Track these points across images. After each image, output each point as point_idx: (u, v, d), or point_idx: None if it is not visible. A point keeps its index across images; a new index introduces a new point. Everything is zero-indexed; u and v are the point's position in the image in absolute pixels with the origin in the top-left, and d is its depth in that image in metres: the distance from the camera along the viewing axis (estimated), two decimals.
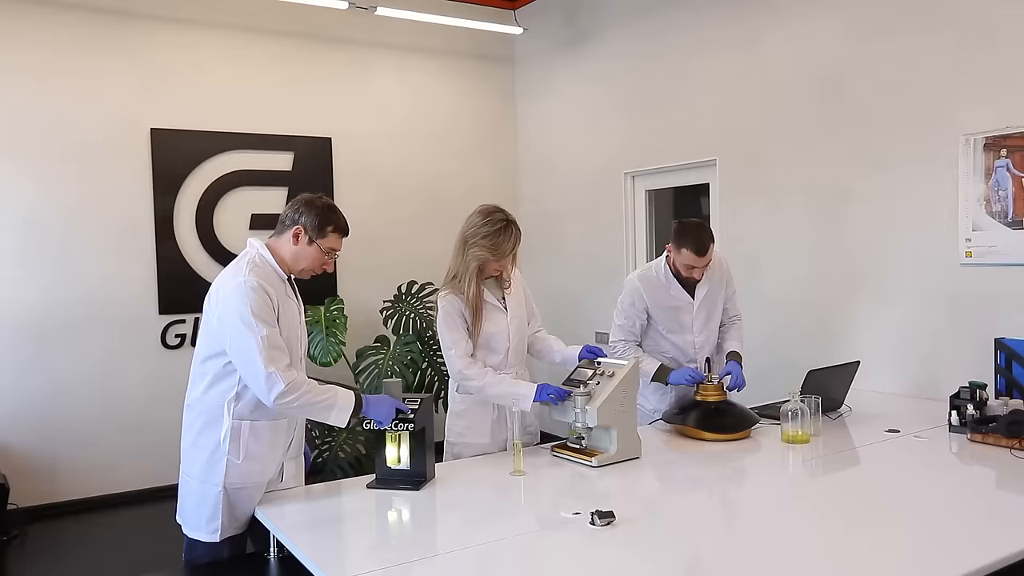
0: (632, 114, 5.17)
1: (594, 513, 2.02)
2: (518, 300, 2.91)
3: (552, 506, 2.27)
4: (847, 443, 2.87)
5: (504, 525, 2.11)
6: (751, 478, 2.58)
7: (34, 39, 4.60)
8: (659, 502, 2.32)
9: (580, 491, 2.41)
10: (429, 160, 5.95)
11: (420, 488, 2.39)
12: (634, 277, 3.32)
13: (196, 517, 2.27)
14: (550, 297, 6.06)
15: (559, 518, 2.10)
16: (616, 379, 2.62)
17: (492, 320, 2.81)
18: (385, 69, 5.78)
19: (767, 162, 4.31)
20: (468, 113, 6.14)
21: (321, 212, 2.36)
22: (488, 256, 2.72)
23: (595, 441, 2.68)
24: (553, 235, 6.02)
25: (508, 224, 2.75)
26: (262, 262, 2.32)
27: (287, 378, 2.14)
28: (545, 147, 6.05)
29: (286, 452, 2.39)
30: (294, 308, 2.39)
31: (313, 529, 2.11)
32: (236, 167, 5.18)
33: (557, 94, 5.88)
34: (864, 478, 2.54)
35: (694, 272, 3.14)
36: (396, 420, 2.36)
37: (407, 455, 2.44)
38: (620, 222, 5.33)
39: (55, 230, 4.68)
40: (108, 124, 4.80)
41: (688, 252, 3.07)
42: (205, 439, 2.26)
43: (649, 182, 5.18)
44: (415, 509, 2.27)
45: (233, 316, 2.18)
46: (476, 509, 2.28)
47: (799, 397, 2.85)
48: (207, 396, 2.27)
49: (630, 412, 2.65)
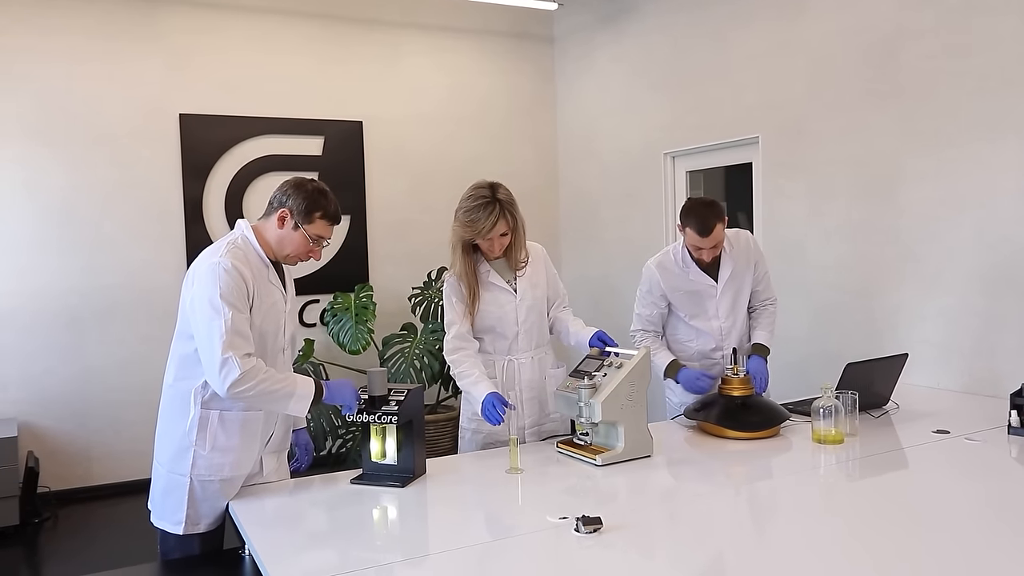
0: (672, 91, 4.89)
1: (579, 519, 1.82)
2: (534, 281, 2.72)
3: (543, 509, 2.07)
4: (888, 444, 2.59)
5: (482, 529, 1.94)
6: (773, 482, 2.33)
7: (65, 26, 4.61)
8: (663, 507, 2.10)
9: (579, 492, 2.21)
10: (464, 143, 5.79)
11: (406, 485, 2.23)
12: (651, 262, 3.12)
13: (162, 506, 2.18)
14: (588, 284, 5.85)
15: (544, 523, 1.91)
16: (624, 371, 2.41)
17: (496, 303, 2.64)
18: (418, 50, 5.63)
19: (812, 138, 3.98)
20: (504, 94, 5.95)
21: (310, 196, 2.22)
22: (465, 233, 2.56)
23: (602, 438, 2.48)
24: (592, 220, 5.79)
25: (490, 202, 2.55)
26: (244, 244, 2.20)
27: (244, 365, 2.01)
28: (584, 128, 5.81)
29: (264, 446, 2.26)
30: (276, 296, 2.25)
31: (280, 526, 1.98)
32: (266, 152, 5.12)
33: (596, 72, 5.63)
34: (903, 485, 2.26)
35: (702, 253, 2.95)
36: (380, 412, 2.21)
37: (393, 449, 2.29)
38: (659, 205, 5.07)
39: (88, 217, 4.70)
40: (137, 110, 4.80)
41: (691, 232, 2.88)
42: (174, 427, 2.15)
43: (690, 162, 4.90)
44: (394, 508, 2.12)
45: (202, 297, 2.06)
46: (459, 511, 2.12)
47: (832, 392, 2.58)
48: (178, 382, 2.17)
49: (640, 406, 2.43)
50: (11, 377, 4.55)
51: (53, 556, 4.05)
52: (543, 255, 2.81)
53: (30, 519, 4.27)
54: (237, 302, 2.07)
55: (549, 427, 2.75)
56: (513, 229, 2.63)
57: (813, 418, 2.58)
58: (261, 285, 2.17)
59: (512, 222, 2.60)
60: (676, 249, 3.08)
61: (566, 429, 2.79)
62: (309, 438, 2.54)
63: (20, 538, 4.17)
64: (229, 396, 2.02)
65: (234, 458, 2.15)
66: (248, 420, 2.17)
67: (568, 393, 2.49)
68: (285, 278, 2.33)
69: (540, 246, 2.82)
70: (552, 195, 6.15)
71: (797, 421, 2.81)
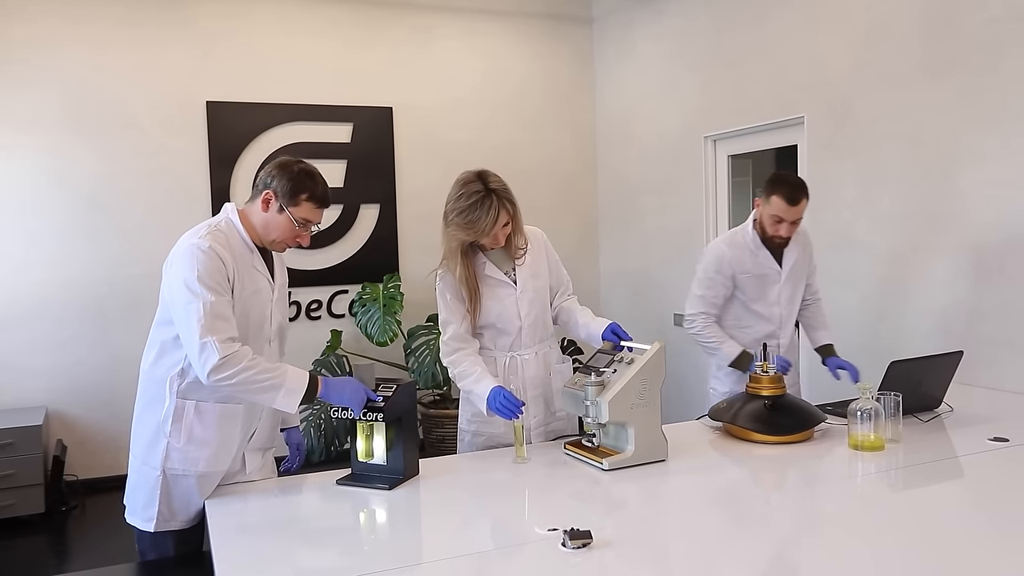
0: (712, 71, 4.62)
1: (567, 532, 1.63)
2: (535, 270, 2.52)
3: (536, 518, 1.89)
4: (935, 452, 2.31)
5: (463, 540, 1.76)
6: (796, 493, 2.09)
7: (94, 15, 4.60)
8: (671, 519, 1.88)
9: (584, 499, 2.02)
10: (498, 130, 5.61)
11: (394, 488, 2.07)
12: (720, 242, 3.04)
13: (133, 500, 2.06)
14: (626, 276, 5.63)
15: (532, 535, 1.72)
16: (635, 367, 2.19)
17: (496, 297, 2.45)
18: (450, 34, 5.47)
19: (861, 117, 3.67)
20: (541, 78, 5.74)
21: (295, 177, 2.07)
22: (466, 236, 2.34)
23: (612, 439, 2.28)
24: (631, 208, 5.55)
25: (486, 196, 2.32)
26: (228, 227, 2.08)
27: (224, 350, 1.87)
28: (623, 112, 5.57)
29: (246, 441, 2.13)
30: (262, 283, 2.12)
31: (251, 530, 1.84)
32: (293, 139, 5.04)
33: (636, 54, 5.38)
34: (953, 499, 1.99)
35: (780, 228, 2.86)
36: (365, 410, 2.05)
37: (382, 449, 2.13)
38: (699, 192, 4.80)
39: (116, 207, 4.69)
40: (165, 98, 4.76)
41: (778, 200, 2.82)
42: (148, 416, 2.04)
43: (731, 146, 4.61)
44: (374, 514, 1.96)
45: (178, 280, 1.94)
46: (444, 518, 1.95)
47: (871, 393, 2.32)
48: (154, 369, 2.05)
49: (653, 406, 2.22)
50: (42, 366, 4.57)
51: (79, 544, 4.05)
52: (543, 240, 2.59)
53: (56, 507, 4.29)
54: (216, 285, 1.94)
55: (556, 426, 2.56)
56: (513, 216, 2.42)
57: (850, 422, 2.33)
58: (244, 270, 2.05)
59: (511, 209, 2.40)
60: (746, 230, 3.01)
61: (574, 428, 2.59)
62: (301, 438, 2.40)
63: (46, 526, 4.19)
64: (211, 384, 1.89)
65: (211, 452, 2.03)
66: (227, 412, 2.04)
67: (575, 390, 2.29)
68: (274, 265, 2.20)
69: (539, 230, 2.60)
70: (590, 182, 5.93)
71: (835, 424, 2.55)
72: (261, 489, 2.12)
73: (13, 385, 4.51)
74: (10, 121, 4.48)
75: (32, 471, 4.12)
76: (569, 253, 5.88)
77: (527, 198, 6.02)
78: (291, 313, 5.08)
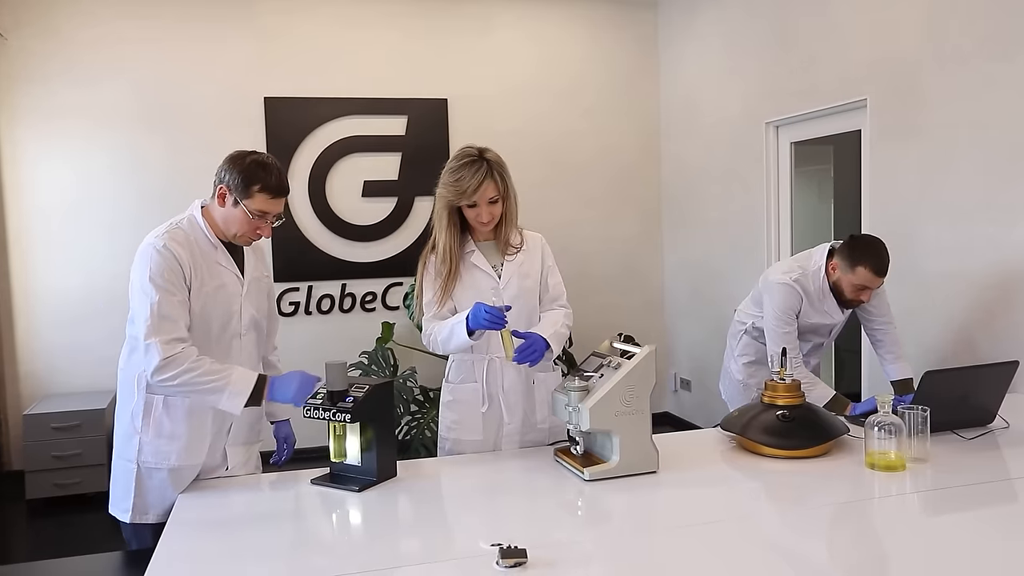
0: (773, 52, 4.32)
1: (500, 549, 1.53)
2: (525, 270, 2.41)
3: (492, 531, 1.79)
4: (971, 475, 2.05)
5: (398, 550, 1.68)
6: (793, 516, 1.87)
7: (159, 12, 4.78)
8: (643, 537, 1.73)
9: (561, 510, 1.91)
10: (556, 119, 5.48)
11: (363, 490, 2.02)
12: (791, 282, 2.87)
13: (114, 492, 2.13)
14: (688, 269, 5.41)
15: (475, 549, 1.63)
16: (620, 373, 2.05)
17: (475, 287, 2.36)
18: (507, 22, 5.37)
19: (928, 98, 3.34)
20: (602, 65, 5.56)
21: (247, 169, 2.05)
22: (448, 195, 2.29)
23: (600, 448, 2.15)
24: (692, 198, 5.31)
25: (476, 160, 2.27)
26: (190, 225, 2.10)
27: (166, 351, 1.89)
28: (687, 98, 5.32)
29: (224, 435, 2.14)
30: (227, 279, 2.12)
31: (207, 528, 1.83)
32: (348, 133, 5.08)
33: (699, 37, 5.12)
34: (976, 533, 1.72)
35: (863, 295, 2.75)
36: (334, 410, 2.01)
37: (356, 450, 2.09)
38: (760, 182, 4.52)
39: (183, 200, 4.84)
40: (225, 94, 4.90)
41: (866, 272, 2.68)
42: (123, 410, 2.09)
43: (794, 132, 4.31)
44: (330, 516, 1.92)
45: (134, 280, 1.99)
46: (393, 526, 1.88)
47: (891, 405, 2.08)
48: (126, 365, 2.10)
49: (641, 415, 2.07)
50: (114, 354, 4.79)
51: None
52: (542, 245, 2.48)
53: None
54: (168, 284, 1.95)
55: (532, 437, 2.43)
56: (504, 198, 2.33)
57: (866, 437, 2.10)
58: (205, 267, 2.05)
59: (503, 188, 2.31)
60: (817, 276, 2.86)
61: (552, 439, 2.45)
62: (291, 431, 2.39)
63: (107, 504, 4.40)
64: (155, 384, 1.92)
65: (181, 446, 2.05)
66: (195, 407, 2.05)
67: (560, 394, 2.17)
68: (245, 260, 2.19)
69: (541, 236, 2.49)
70: (652, 172, 5.71)
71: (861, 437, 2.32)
72: (235, 485, 2.12)
73: (89, 370, 4.77)
74: (88, 118, 4.72)
75: (96, 451, 4.35)
76: (629, 244, 5.74)
77: (584, 188, 5.88)
78: (346, 304, 5.15)
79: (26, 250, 4.71)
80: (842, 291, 2.81)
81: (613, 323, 5.55)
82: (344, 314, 5.17)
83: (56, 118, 4.68)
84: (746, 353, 3.26)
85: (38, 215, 4.71)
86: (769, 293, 2.94)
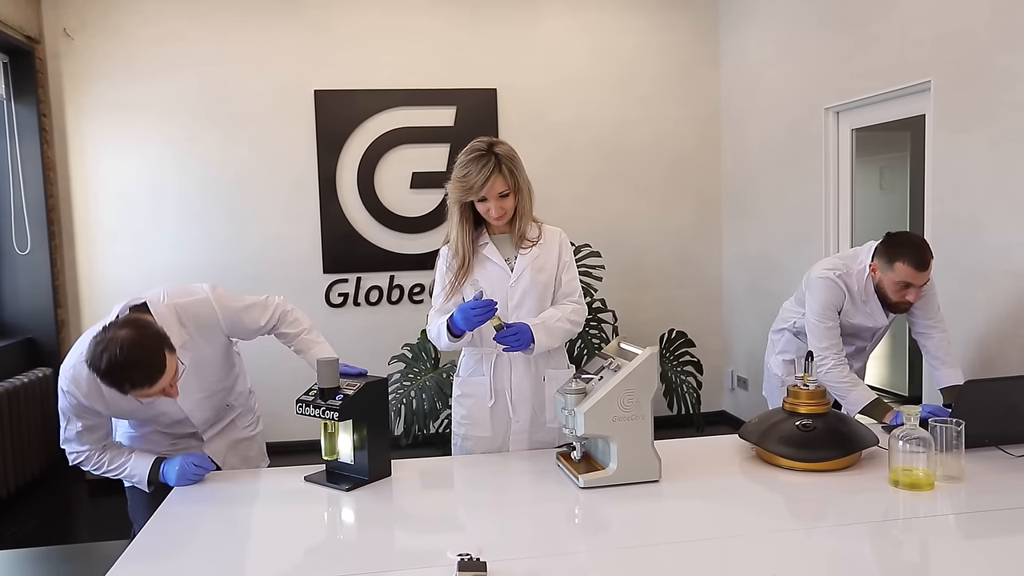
0: (833, 32, 4.06)
1: (460, 559, 1.46)
2: (539, 264, 2.32)
3: (469, 538, 1.72)
4: (1011, 497, 1.84)
5: (361, 556, 1.63)
6: (798, 535, 1.72)
7: (215, 8, 4.88)
8: (629, 552, 1.62)
9: (552, 519, 1.83)
10: (609, 109, 5.33)
11: (352, 489, 1.99)
12: (833, 276, 2.69)
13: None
14: (746, 261, 5.19)
15: (441, 559, 1.56)
16: (619, 376, 1.94)
17: (486, 279, 2.29)
18: (558, 10, 5.25)
19: (997, 77, 3.05)
20: (658, 51, 5.37)
21: (100, 375, 1.84)
22: (458, 192, 2.22)
23: (601, 453, 2.05)
24: (750, 189, 5.08)
25: (484, 154, 2.20)
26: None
27: (73, 459, 2.12)
28: (747, 84, 5.08)
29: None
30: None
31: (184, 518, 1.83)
32: (397, 125, 5.08)
33: (760, 19, 4.87)
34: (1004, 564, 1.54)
35: (908, 294, 2.56)
36: (323, 407, 1.98)
37: (349, 447, 2.06)
38: (819, 172, 4.26)
39: (230, 192, 4.99)
40: (277, 89, 4.97)
41: (905, 267, 2.51)
42: None
43: (855, 118, 4.04)
44: (308, 516, 1.89)
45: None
46: (367, 529, 1.84)
47: (916, 419, 1.89)
48: None
49: (641, 420, 1.95)
50: None
51: None
52: (560, 240, 2.37)
53: None
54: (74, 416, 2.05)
55: (541, 437, 2.34)
56: (515, 191, 2.25)
57: (890, 452, 1.93)
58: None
59: (513, 182, 2.23)
60: (862, 275, 2.68)
61: (563, 440, 2.35)
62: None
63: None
64: None
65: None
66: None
67: (559, 396, 2.08)
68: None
69: (560, 230, 2.39)
70: (711, 161, 5.48)
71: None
72: (230, 478, 2.13)
73: None
74: (146, 112, 4.88)
75: None
76: (685, 235, 5.54)
77: (637, 177, 5.69)
78: (394, 296, 5.17)
79: (92, 240, 4.91)
80: (886, 294, 2.60)
81: (668, 317, 5.38)
82: (392, 306, 5.19)
83: (119, 111, 4.85)
84: (787, 351, 3.09)
85: (101, 207, 4.90)
86: (811, 288, 2.76)
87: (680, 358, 4.85)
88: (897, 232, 2.60)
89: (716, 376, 5.54)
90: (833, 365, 2.59)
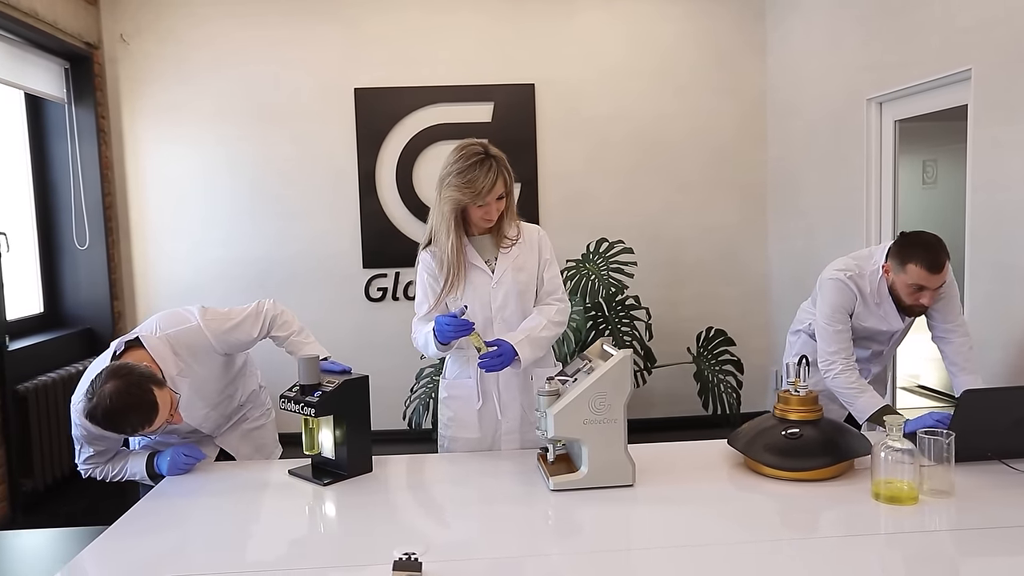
0: (877, 19, 3.87)
1: (396, 560, 1.48)
2: (520, 263, 2.32)
3: (426, 537, 1.73)
4: (1002, 515, 1.74)
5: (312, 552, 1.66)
6: (762, 547, 1.66)
7: (262, 9, 5.03)
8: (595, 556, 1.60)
9: (511, 519, 1.82)
10: (648, 102, 5.23)
11: (328, 484, 2.04)
12: (844, 278, 2.57)
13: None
14: (790, 259, 5.03)
15: (385, 557, 1.57)
16: (590, 379, 1.92)
17: (470, 284, 2.29)
18: (594, 3, 5.18)
19: None
20: (694, 42, 5.23)
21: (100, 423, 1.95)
22: (462, 197, 2.20)
23: (574, 456, 2.03)
24: (794, 183, 4.91)
25: (486, 158, 2.21)
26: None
27: (84, 472, 2.24)
28: (792, 75, 4.91)
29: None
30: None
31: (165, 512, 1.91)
32: (435, 121, 5.12)
33: (806, 8, 4.69)
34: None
35: (922, 297, 2.41)
36: (302, 403, 2.03)
37: (330, 442, 2.11)
38: (861, 166, 4.09)
39: (277, 189, 5.14)
40: (318, 87, 5.08)
41: (917, 268, 2.36)
42: None
43: (898, 109, 3.85)
44: (278, 510, 1.95)
45: None
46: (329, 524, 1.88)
47: (900, 429, 1.81)
48: None
49: (614, 423, 1.93)
50: None
51: None
52: (539, 238, 2.37)
53: None
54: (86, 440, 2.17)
55: (533, 436, 2.33)
56: (508, 193, 2.26)
57: (872, 465, 1.84)
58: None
59: (508, 183, 2.25)
60: (875, 277, 2.55)
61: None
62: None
63: None
64: None
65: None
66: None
67: (537, 396, 2.07)
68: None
69: (539, 227, 2.39)
70: (757, 155, 5.32)
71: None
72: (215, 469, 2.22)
73: None
74: (197, 113, 5.07)
75: None
76: (728, 231, 5.40)
77: (676, 171, 5.58)
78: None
79: (146, 236, 5.15)
80: (899, 296, 2.48)
81: (707, 314, 5.26)
82: None
83: (171, 112, 5.06)
84: (802, 352, 2.98)
85: (155, 204, 5.13)
86: (821, 289, 2.65)
87: (718, 356, 4.74)
88: (911, 231, 2.46)
89: (760, 376, 5.39)
90: (841, 370, 2.48)
